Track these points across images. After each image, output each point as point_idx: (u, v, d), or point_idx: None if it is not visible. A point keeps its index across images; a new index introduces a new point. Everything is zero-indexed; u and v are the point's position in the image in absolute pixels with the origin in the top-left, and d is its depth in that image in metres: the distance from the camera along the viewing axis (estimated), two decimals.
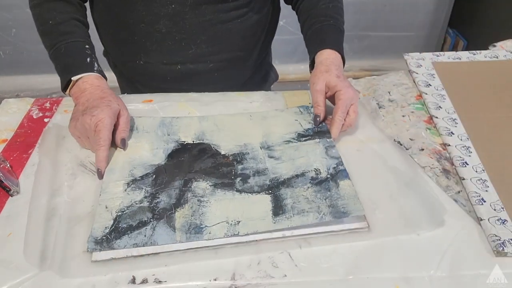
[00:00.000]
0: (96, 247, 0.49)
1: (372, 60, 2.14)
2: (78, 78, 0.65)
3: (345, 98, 0.64)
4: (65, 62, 0.67)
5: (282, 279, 0.47)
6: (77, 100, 0.64)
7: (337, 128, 0.64)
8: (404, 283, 0.47)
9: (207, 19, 0.74)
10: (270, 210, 0.53)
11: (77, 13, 0.71)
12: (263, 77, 0.96)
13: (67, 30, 0.68)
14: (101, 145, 0.58)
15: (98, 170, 0.58)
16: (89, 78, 0.65)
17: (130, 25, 0.75)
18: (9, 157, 0.62)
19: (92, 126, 0.59)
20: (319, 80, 0.67)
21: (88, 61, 0.66)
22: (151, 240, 0.50)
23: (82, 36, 0.69)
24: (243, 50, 0.82)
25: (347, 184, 0.56)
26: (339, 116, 0.64)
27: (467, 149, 0.62)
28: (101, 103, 0.61)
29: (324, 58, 0.69)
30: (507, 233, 0.50)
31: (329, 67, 0.67)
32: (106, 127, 0.59)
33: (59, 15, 0.69)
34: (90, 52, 0.68)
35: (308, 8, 0.77)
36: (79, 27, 0.70)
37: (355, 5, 1.86)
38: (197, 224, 0.52)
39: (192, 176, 0.58)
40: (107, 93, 0.64)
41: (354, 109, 0.66)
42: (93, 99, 0.62)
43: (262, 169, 0.59)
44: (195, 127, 0.67)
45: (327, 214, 0.52)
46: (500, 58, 0.82)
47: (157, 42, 0.76)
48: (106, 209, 0.53)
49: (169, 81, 0.81)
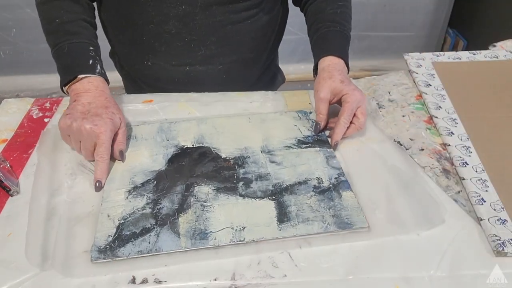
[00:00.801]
0: (100, 256, 0.49)
1: (372, 60, 2.14)
2: (84, 77, 0.64)
3: (352, 101, 0.63)
4: (67, 62, 0.66)
5: (282, 279, 0.47)
6: (78, 98, 0.63)
7: (340, 130, 0.63)
8: (404, 283, 0.47)
9: (217, 20, 0.73)
10: (274, 217, 0.53)
11: (84, 13, 0.70)
12: (270, 78, 0.95)
13: (73, 30, 0.68)
14: (103, 158, 0.58)
15: (98, 183, 0.58)
16: (95, 80, 0.64)
17: (139, 26, 0.75)
18: (9, 157, 0.62)
19: (91, 135, 0.58)
20: (323, 87, 0.65)
21: (91, 63, 0.66)
22: (155, 247, 0.49)
23: (88, 38, 0.69)
24: (253, 52, 0.82)
25: (350, 196, 0.56)
26: (344, 118, 0.63)
27: (467, 149, 0.62)
28: (104, 113, 0.61)
29: (327, 65, 0.68)
30: (507, 233, 0.50)
31: (332, 73, 0.66)
32: (108, 140, 0.59)
33: (66, 14, 0.68)
34: (94, 54, 0.67)
35: (316, 12, 0.76)
36: (86, 28, 0.70)
37: (355, 5, 1.85)
38: (202, 229, 0.52)
39: (194, 181, 0.58)
40: (111, 103, 0.64)
41: (362, 111, 0.65)
42: (96, 106, 0.62)
43: (264, 174, 0.59)
44: (194, 131, 0.67)
45: (331, 224, 0.52)
46: (500, 58, 0.82)
47: (166, 43, 0.75)
48: (108, 217, 0.53)
49: (176, 83, 0.81)
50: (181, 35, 0.74)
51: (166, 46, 0.76)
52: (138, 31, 0.75)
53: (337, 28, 0.72)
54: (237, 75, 0.83)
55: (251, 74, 0.87)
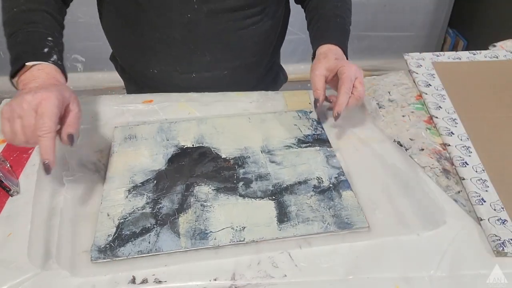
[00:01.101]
0: (100, 256, 0.49)
1: (372, 60, 2.14)
2: (34, 64, 0.55)
3: (348, 72, 0.63)
4: (19, 49, 0.57)
5: (282, 279, 0.47)
6: (24, 87, 0.54)
7: (342, 101, 0.62)
8: (404, 283, 0.47)
9: (222, 27, 0.73)
10: (274, 217, 0.53)
11: (49, 7, 0.63)
12: (273, 78, 0.96)
13: (32, 19, 0.59)
14: (46, 131, 0.47)
15: (45, 164, 0.48)
16: (47, 67, 0.56)
17: (144, 33, 0.74)
18: (9, 157, 0.62)
19: (32, 103, 0.48)
20: (318, 66, 0.66)
21: (46, 51, 0.57)
22: (155, 247, 0.50)
23: (47, 28, 0.60)
24: (256, 55, 0.82)
25: (350, 195, 0.56)
26: (345, 88, 0.62)
27: (467, 149, 0.62)
28: (50, 86, 0.52)
29: (323, 51, 0.69)
30: (507, 233, 0.50)
31: (327, 54, 0.67)
32: (51, 108, 0.48)
33: (26, 4, 0.61)
34: (52, 45, 0.58)
35: (317, 7, 0.77)
36: (48, 20, 0.61)
37: (355, 5, 1.85)
38: (202, 229, 0.52)
39: (194, 181, 0.58)
40: (63, 84, 0.56)
41: (360, 81, 0.64)
42: (42, 85, 0.53)
43: (264, 174, 0.59)
44: (194, 131, 0.67)
45: (331, 224, 0.52)
46: (500, 58, 0.82)
47: (171, 50, 0.75)
48: (108, 216, 0.53)
49: (182, 89, 0.80)
50: (186, 42, 0.74)
51: (171, 53, 0.75)
52: (143, 39, 0.75)
53: (337, 20, 0.73)
54: (240, 78, 0.83)
55: (254, 77, 0.87)
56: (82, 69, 2.00)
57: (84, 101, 0.73)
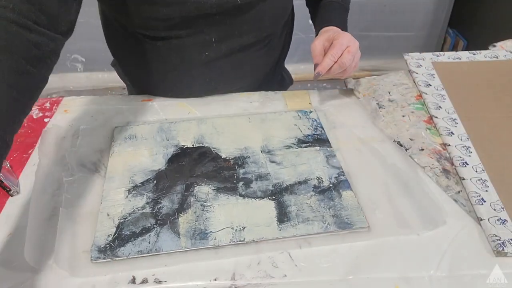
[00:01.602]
0: (100, 256, 0.49)
1: (372, 60, 2.14)
2: None
3: (341, 39, 0.64)
4: None
5: (282, 279, 0.47)
6: None
7: (326, 63, 0.64)
8: (404, 283, 0.47)
9: (238, 61, 0.74)
10: (274, 217, 0.53)
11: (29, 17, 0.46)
12: (278, 82, 0.96)
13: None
14: None
15: None
16: None
17: (159, 69, 0.73)
18: (9, 157, 0.62)
19: None
20: (318, 37, 0.68)
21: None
22: (155, 247, 0.50)
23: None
24: (267, 73, 0.83)
25: (350, 195, 0.56)
26: (332, 52, 0.64)
27: (467, 149, 0.62)
28: None
29: (325, 29, 0.71)
30: (507, 233, 0.50)
31: (328, 31, 0.69)
32: None
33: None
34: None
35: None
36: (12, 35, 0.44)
37: (355, 5, 1.86)
38: (202, 229, 0.52)
39: (194, 181, 0.58)
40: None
41: (349, 50, 0.65)
42: None
43: (264, 174, 0.59)
44: (194, 131, 0.67)
45: (331, 224, 0.52)
46: (500, 58, 0.82)
47: (188, 83, 0.75)
48: (108, 216, 0.53)
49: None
50: (203, 77, 0.74)
51: (187, 86, 0.75)
52: (157, 73, 0.74)
53: (339, 1, 0.76)
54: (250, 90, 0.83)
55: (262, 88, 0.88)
56: (82, 69, 2.00)
57: (84, 101, 0.74)
